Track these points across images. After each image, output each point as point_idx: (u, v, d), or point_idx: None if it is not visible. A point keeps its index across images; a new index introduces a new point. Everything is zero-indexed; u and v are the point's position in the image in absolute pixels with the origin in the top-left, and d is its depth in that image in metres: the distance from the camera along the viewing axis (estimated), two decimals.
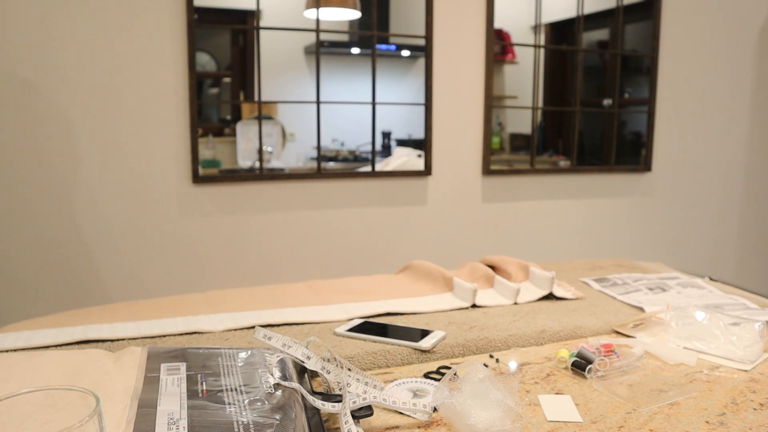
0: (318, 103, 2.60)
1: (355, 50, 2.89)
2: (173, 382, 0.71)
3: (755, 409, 0.79)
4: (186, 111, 2.37)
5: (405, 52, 2.93)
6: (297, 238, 2.59)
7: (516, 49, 3.07)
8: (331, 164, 2.85)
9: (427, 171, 2.78)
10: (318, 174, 2.62)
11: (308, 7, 2.61)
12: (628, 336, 1.04)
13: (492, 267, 1.39)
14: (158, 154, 2.36)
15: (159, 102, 2.33)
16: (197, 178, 2.40)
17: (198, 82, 2.45)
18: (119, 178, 2.31)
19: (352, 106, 2.75)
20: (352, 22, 2.83)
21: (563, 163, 3.19)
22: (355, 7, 2.74)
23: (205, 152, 2.54)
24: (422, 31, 2.75)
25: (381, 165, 2.80)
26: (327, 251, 2.66)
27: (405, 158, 2.82)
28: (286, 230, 2.57)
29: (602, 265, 1.52)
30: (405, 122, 2.92)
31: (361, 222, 2.70)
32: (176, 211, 2.40)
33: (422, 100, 2.79)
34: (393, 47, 2.86)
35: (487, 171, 2.88)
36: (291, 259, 2.59)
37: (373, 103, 2.70)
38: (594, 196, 3.14)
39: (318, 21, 2.58)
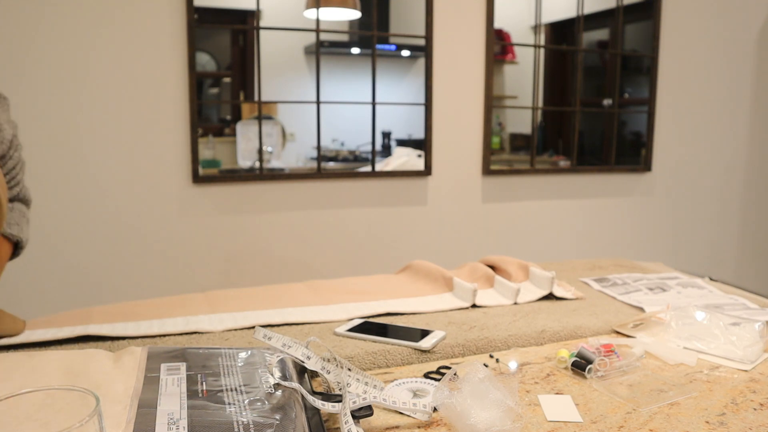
0: (318, 103, 2.60)
1: (355, 50, 2.89)
2: (173, 382, 0.71)
3: (755, 409, 0.79)
4: (186, 111, 2.37)
5: (405, 52, 2.93)
6: (297, 238, 2.59)
7: (516, 49, 3.07)
8: (331, 164, 2.85)
9: (427, 171, 2.78)
10: (318, 174, 2.62)
11: (308, 7, 2.61)
12: (628, 336, 1.04)
13: (492, 267, 1.39)
14: (158, 154, 2.36)
15: (159, 102, 2.33)
16: (197, 178, 2.40)
17: (198, 82, 2.45)
18: (119, 178, 2.31)
19: (352, 106, 2.75)
20: (352, 22, 2.83)
21: (563, 163, 3.19)
22: (355, 7, 2.74)
23: (205, 152, 2.54)
24: (422, 31, 2.75)
25: (381, 165, 2.80)
26: (327, 251, 2.65)
27: (405, 158, 2.83)
28: (287, 230, 2.57)
29: (602, 265, 1.52)
30: (405, 122, 2.92)
31: (361, 222, 2.69)
32: (176, 211, 2.40)
33: (422, 100, 2.79)
34: (393, 47, 2.87)
35: (487, 171, 2.88)
36: (291, 259, 2.59)
37: (373, 103, 2.70)
38: (594, 196, 3.14)
39: (318, 21, 2.58)
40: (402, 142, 2.99)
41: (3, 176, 0.91)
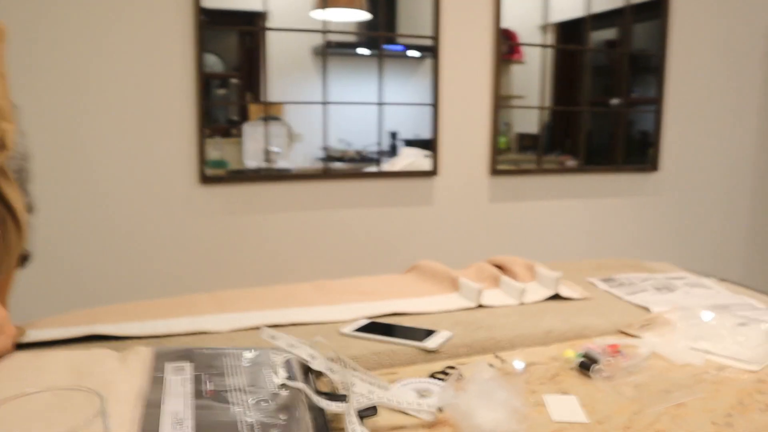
0: (325, 104, 2.60)
1: (362, 51, 2.89)
2: (179, 382, 0.71)
3: (762, 410, 0.78)
4: (193, 112, 2.38)
5: (412, 53, 2.93)
6: (304, 239, 2.60)
7: (523, 48, 3.06)
8: (338, 164, 2.86)
9: (434, 171, 2.77)
10: (325, 175, 2.62)
11: (315, 7, 2.62)
12: (634, 336, 1.04)
13: (499, 267, 1.39)
14: (165, 154, 2.36)
15: (166, 103, 2.34)
16: (204, 179, 2.41)
17: (205, 82, 2.45)
18: (126, 179, 2.32)
19: (359, 106, 2.75)
20: (359, 22, 2.84)
21: (570, 162, 3.18)
22: (362, 8, 2.74)
23: (213, 153, 2.54)
24: (429, 31, 2.75)
25: (388, 165, 2.80)
26: (334, 251, 2.66)
27: (412, 158, 2.82)
28: (293, 230, 2.57)
29: (609, 265, 1.52)
30: (412, 122, 2.92)
31: (368, 222, 2.69)
32: (183, 212, 2.41)
33: (429, 100, 2.79)
34: (400, 47, 2.87)
35: (494, 171, 2.87)
36: (298, 259, 2.59)
37: (380, 104, 2.70)
38: (601, 196, 3.12)
39: (325, 23, 2.58)
40: (409, 143, 2.99)
41: (20, 194, 0.91)
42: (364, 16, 2.78)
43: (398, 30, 2.85)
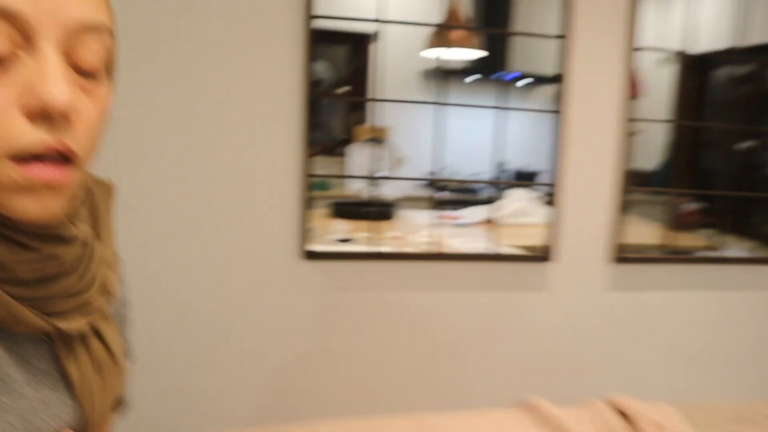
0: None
1: (474, 77, 2.82)
2: None
3: None
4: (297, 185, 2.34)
5: (525, 81, 2.82)
6: (408, 320, 2.50)
7: (645, 81, 2.87)
8: (443, 194, 2.81)
9: (548, 255, 2.58)
10: (436, 255, 2.51)
11: (429, 46, 2.55)
12: None
13: (622, 413, 1.31)
14: (265, 228, 2.33)
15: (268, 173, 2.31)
16: (307, 254, 2.35)
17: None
18: (222, 252, 2.30)
19: (466, 132, 2.67)
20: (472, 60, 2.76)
21: (690, 205, 2.99)
22: (477, 46, 2.64)
23: (318, 171, 2.53)
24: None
25: (494, 208, 2.69)
26: (440, 335, 2.53)
27: (519, 203, 2.71)
28: (397, 314, 2.46)
29: (750, 415, 1.39)
30: (521, 149, 2.81)
31: (475, 306, 2.54)
32: (283, 289, 2.37)
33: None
34: (515, 75, 2.76)
35: (617, 258, 2.63)
36: (401, 342, 2.51)
37: (500, 169, 2.55)
38: (735, 288, 2.79)
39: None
40: (520, 176, 2.87)
41: (123, 338, 0.93)
42: (479, 54, 2.68)
43: (512, 62, 2.74)
